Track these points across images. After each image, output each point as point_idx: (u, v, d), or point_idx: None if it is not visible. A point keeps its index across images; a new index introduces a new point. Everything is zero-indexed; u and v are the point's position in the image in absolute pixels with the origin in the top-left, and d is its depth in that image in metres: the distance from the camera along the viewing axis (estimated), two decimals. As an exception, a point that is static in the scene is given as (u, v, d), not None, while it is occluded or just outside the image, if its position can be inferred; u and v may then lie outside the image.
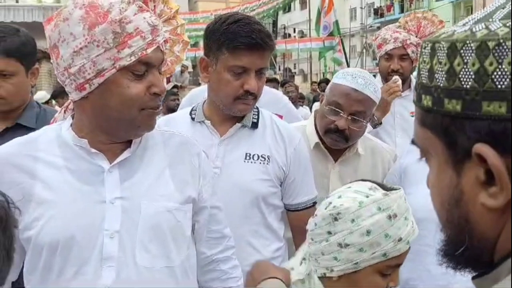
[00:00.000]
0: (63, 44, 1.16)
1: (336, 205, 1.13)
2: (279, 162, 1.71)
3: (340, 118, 1.85)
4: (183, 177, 1.32)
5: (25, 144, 1.27)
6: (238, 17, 1.63)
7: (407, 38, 2.98)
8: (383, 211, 1.11)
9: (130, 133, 1.26)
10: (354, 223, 1.10)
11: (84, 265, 1.19)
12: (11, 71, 1.82)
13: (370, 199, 1.12)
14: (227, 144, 1.70)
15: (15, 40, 1.82)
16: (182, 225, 1.29)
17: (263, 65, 1.64)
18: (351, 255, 1.11)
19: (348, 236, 1.11)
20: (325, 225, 1.14)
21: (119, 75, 1.16)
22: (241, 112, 1.68)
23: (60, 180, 1.22)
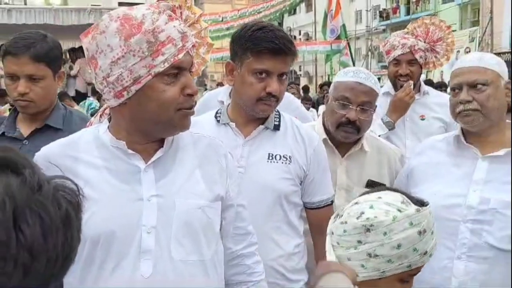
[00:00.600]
0: (101, 55, 1.25)
1: (369, 217, 1.17)
2: (299, 162, 1.82)
3: (350, 110, 2.00)
4: (212, 177, 1.40)
5: (67, 145, 1.36)
6: (263, 25, 1.76)
7: (415, 44, 3.06)
8: (414, 227, 1.16)
9: (165, 133, 1.35)
10: (386, 236, 1.15)
11: (123, 258, 1.27)
12: (40, 75, 1.91)
13: (403, 214, 1.16)
14: (251, 145, 1.81)
15: (44, 45, 1.92)
16: (212, 221, 1.38)
17: (285, 70, 1.76)
18: (379, 265, 1.17)
19: (379, 247, 1.16)
20: (356, 234, 1.18)
21: (154, 80, 1.25)
22: (263, 113, 1.78)
23: (100, 179, 1.30)
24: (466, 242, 1.71)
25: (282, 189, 1.79)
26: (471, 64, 1.79)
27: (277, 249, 1.79)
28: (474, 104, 1.75)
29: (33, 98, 1.93)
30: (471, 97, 1.75)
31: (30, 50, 1.88)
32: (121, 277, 1.27)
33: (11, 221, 0.58)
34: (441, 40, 3.23)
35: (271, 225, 1.78)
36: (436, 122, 3.08)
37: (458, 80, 1.80)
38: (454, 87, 1.82)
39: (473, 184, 1.77)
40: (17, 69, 1.89)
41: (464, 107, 1.76)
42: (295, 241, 1.84)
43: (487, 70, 1.77)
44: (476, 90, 1.76)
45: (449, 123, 3.07)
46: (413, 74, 3.07)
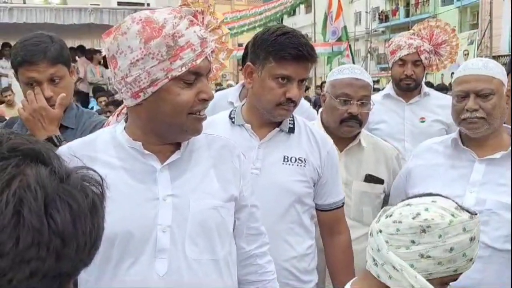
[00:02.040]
0: (121, 55, 1.27)
1: (427, 218, 1.20)
2: (314, 164, 1.84)
3: (351, 105, 2.10)
4: (226, 177, 1.42)
5: (84, 144, 1.38)
6: (286, 30, 1.77)
7: (420, 45, 3.08)
8: (467, 233, 1.20)
9: (179, 137, 1.37)
10: (441, 238, 1.18)
11: (139, 256, 1.29)
12: (60, 75, 1.93)
13: (458, 220, 1.20)
14: (266, 147, 1.82)
15: (56, 46, 1.94)
16: (226, 221, 1.40)
17: (305, 76, 1.79)
18: (428, 266, 1.20)
19: (432, 249, 1.19)
20: (411, 234, 1.20)
21: (171, 84, 1.27)
22: (281, 117, 1.80)
23: (117, 179, 1.32)
24: None
25: (297, 191, 1.81)
26: (478, 72, 1.81)
27: (290, 250, 1.81)
28: (480, 112, 1.79)
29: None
30: (478, 105, 1.79)
31: (47, 55, 1.90)
32: (137, 276, 1.29)
33: (43, 209, 0.61)
34: (445, 43, 3.25)
35: (285, 226, 1.80)
36: (436, 124, 3.08)
37: (464, 87, 1.82)
38: (460, 94, 1.84)
39: (470, 185, 1.81)
40: (38, 75, 1.90)
41: (470, 114, 1.80)
42: (307, 242, 1.87)
43: (493, 79, 1.80)
44: (482, 98, 1.79)
45: (450, 124, 3.08)
46: (416, 75, 3.09)
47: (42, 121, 1.85)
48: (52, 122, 1.86)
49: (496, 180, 1.80)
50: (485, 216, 1.72)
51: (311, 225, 1.90)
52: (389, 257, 1.21)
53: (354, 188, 2.16)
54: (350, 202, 2.10)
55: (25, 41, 1.94)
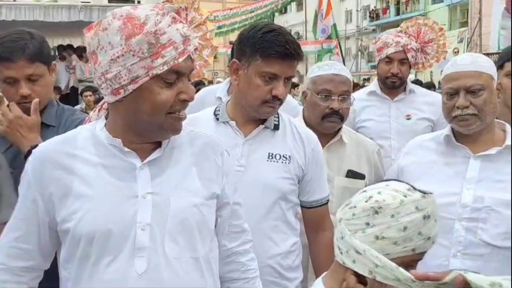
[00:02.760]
0: (101, 51, 1.26)
1: (378, 200, 1.22)
2: (299, 161, 1.84)
3: (333, 101, 2.13)
4: (208, 175, 1.41)
5: (64, 142, 1.36)
6: (273, 27, 1.76)
7: (408, 43, 3.06)
8: (420, 211, 1.20)
9: (158, 135, 1.36)
10: (394, 218, 1.20)
11: (118, 254, 1.28)
12: (39, 74, 1.91)
13: (409, 199, 1.21)
14: (251, 144, 1.82)
15: (35, 44, 1.91)
16: (207, 219, 1.39)
17: (292, 74, 1.78)
18: (385, 247, 1.20)
19: (386, 230, 1.20)
20: (365, 216, 1.22)
21: (151, 82, 1.25)
22: (267, 115, 1.80)
23: (96, 176, 1.31)
24: (462, 240, 1.74)
25: (282, 188, 1.81)
26: (466, 68, 1.79)
27: (275, 247, 1.81)
28: (471, 109, 1.77)
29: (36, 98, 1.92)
30: (468, 102, 1.76)
31: (25, 52, 1.87)
32: (115, 273, 1.28)
33: None
34: (432, 41, 3.24)
35: (269, 223, 1.79)
36: (422, 122, 3.07)
37: (454, 84, 1.80)
38: (450, 91, 1.82)
39: (466, 182, 1.80)
40: (15, 73, 1.87)
41: (461, 112, 1.78)
42: (292, 239, 1.86)
43: (483, 74, 1.78)
44: (472, 95, 1.77)
45: (436, 121, 3.08)
46: (402, 73, 3.08)
47: (21, 130, 1.83)
48: (31, 130, 1.84)
49: (492, 177, 1.79)
50: (484, 213, 1.72)
51: (295, 222, 1.89)
52: (351, 242, 1.23)
53: (336, 184, 2.17)
54: (332, 198, 2.10)
55: (4, 37, 1.90)
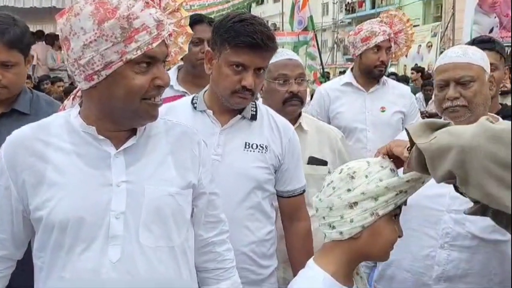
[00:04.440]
0: (74, 37, 1.24)
1: (349, 167, 1.35)
2: (275, 151, 1.84)
3: (290, 84, 2.19)
4: (184, 164, 1.40)
5: (38, 129, 1.34)
6: (244, 17, 1.73)
7: (391, 33, 3.15)
8: (385, 168, 1.34)
9: (133, 122, 1.34)
10: (368, 177, 1.32)
11: (91, 243, 1.27)
12: (14, 62, 1.87)
13: (373, 161, 1.36)
14: (228, 133, 1.81)
15: (17, 31, 1.86)
16: (182, 208, 1.38)
17: (262, 65, 1.75)
18: (369, 205, 1.30)
19: (366, 186, 1.31)
20: (344, 184, 1.33)
21: (125, 67, 1.24)
22: (238, 105, 1.79)
23: (69, 164, 1.29)
24: (450, 232, 1.75)
25: (258, 177, 1.81)
26: (456, 60, 1.79)
27: (250, 236, 1.82)
28: (461, 100, 1.77)
29: (6, 84, 1.88)
30: (459, 93, 1.77)
31: (4, 37, 1.82)
32: (89, 262, 1.27)
33: None
34: (401, 32, 3.32)
35: (245, 212, 1.80)
36: (396, 114, 3.14)
37: (444, 76, 1.80)
38: (440, 84, 1.82)
39: None
40: None
41: (451, 103, 1.78)
42: (267, 228, 1.87)
43: (473, 66, 1.78)
44: (463, 86, 1.77)
45: (406, 113, 3.15)
46: (386, 62, 3.14)
47: None
48: None
49: None
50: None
51: (271, 211, 1.90)
52: (343, 200, 1.32)
53: None
54: None
55: None
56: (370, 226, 1.31)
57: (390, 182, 1.30)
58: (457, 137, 1.07)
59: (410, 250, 1.79)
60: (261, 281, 1.87)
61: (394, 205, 1.31)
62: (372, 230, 1.31)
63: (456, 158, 1.04)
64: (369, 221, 1.30)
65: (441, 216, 1.77)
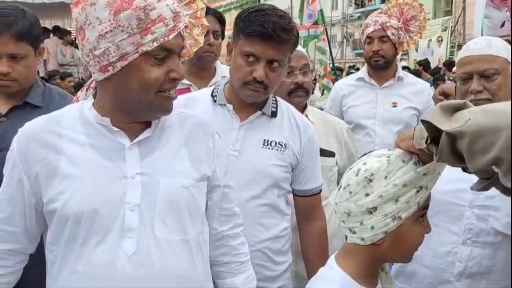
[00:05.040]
0: (89, 27, 1.22)
1: (367, 169, 1.23)
2: (294, 150, 1.81)
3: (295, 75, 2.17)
4: (199, 156, 1.39)
5: (51, 121, 1.32)
6: (262, 7, 1.69)
7: (387, 21, 3.09)
8: (408, 162, 1.21)
9: (148, 115, 1.32)
10: (387, 178, 1.21)
11: (106, 235, 1.25)
12: (23, 54, 1.85)
13: (394, 156, 1.23)
14: (247, 129, 1.78)
15: (25, 22, 1.84)
16: (197, 201, 1.36)
17: (276, 57, 1.68)
18: (390, 208, 1.20)
19: (385, 190, 1.20)
20: (361, 189, 1.23)
21: (141, 59, 1.22)
22: (249, 98, 1.74)
23: (83, 156, 1.27)
24: (473, 228, 1.71)
25: (275, 175, 1.78)
26: (480, 52, 1.73)
27: (265, 232, 1.79)
28: (485, 93, 1.71)
29: (16, 77, 1.87)
30: (482, 86, 1.71)
31: (12, 29, 1.80)
32: (104, 255, 1.25)
33: None
34: (414, 18, 3.27)
35: (260, 209, 1.77)
36: (408, 110, 3.09)
37: (467, 69, 1.74)
38: (463, 76, 1.76)
39: None
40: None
41: (475, 97, 1.71)
42: (283, 225, 1.85)
43: (497, 58, 1.73)
44: (486, 79, 1.71)
45: (421, 110, 3.10)
46: (384, 52, 3.10)
47: None
48: None
49: None
50: (497, 201, 1.68)
51: (287, 208, 1.87)
52: (362, 206, 1.23)
53: None
54: None
55: None
56: (393, 231, 1.23)
57: (406, 178, 1.20)
58: (500, 116, 0.93)
59: (431, 246, 1.74)
60: (276, 277, 1.85)
61: (417, 205, 1.22)
62: (395, 235, 1.23)
63: (508, 142, 0.90)
64: (392, 226, 1.22)
65: (464, 212, 1.72)
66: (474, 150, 0.98)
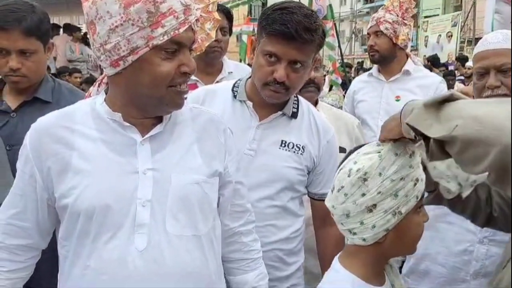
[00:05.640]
0: (99, 21, 1.21)
1: (359, 168, 1.21)
2: (312, 153, 1.77)
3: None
4: (210, 152, 1.37)
5: (63, 116, 1.32)
6: (287, 5, 1.62)
7: (381, 16, 3.15)
8: (401, 155, 1.19)
9: (159, 110, 1.31)
10: (382, 175, 1.19)
11: (118, 231, 1.25)
12: (32, 49, 1.85)
13: (384, 151, 1.20)
14: (265, 128, 1.75)
15: (34, 18, 1.84)
16: (209, 197, 1.35)
17: (298, 58, 1.62)
18: (390, 204, 1.19)
19: (382, 186, 1.19)
20: (356, 190, 1.21)
21: (151, 53, 1.21)
22: (269, 99, 1.69)
23: (95, 151, 1.27)
24: None
25: (290, 177, 1.75)
26: (497, 46, 1.68)
27: (278, 233, 1.76)
28: (502, 89, 1.67)
29: (25, 73, 1.87)
30: (499, 81, 1.66)
31: (21, 24, 1.80)
32: (115, 250, 1.25)
33: None
34: (407, 10, 3.28)
35: (272, 210, 1.74)
36: None
37: (483, 64, 1.69)
38: (480, 71, 1.71)
39: None
40: (7, 44, 1.81)
41: (492, 92, 1.67)
42: (295, 226, 1.81)
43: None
44: (504, 74, 1.67)
45: None
46: (379, 46, 3.15)
47: None
48: None
49: None
50: None
51: (300, 209, 1.84)
52: (360, 205, 1.21)
53: None
54: None
55: (4, 5, 1.84)
56: (394, 227, 1.22)
57: (404, 172, 1.18)
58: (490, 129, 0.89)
59: (446, 244, 1.72)
60: (287, 277, 1.82)
61: (416, 198, 1.21)
62: (397, 230, 1.22)
63: (500, 158, 0.88)
64: (393, 223, 1.21)
65: None
66: (464, 158, 0.95)
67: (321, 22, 1.66)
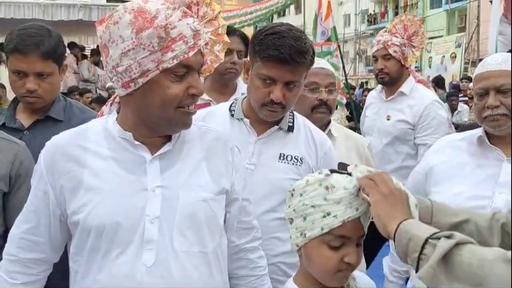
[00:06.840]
0: (112, 45, 1.26)
1: (296, 183, 1.35)
2: (310, 164, 1.83)
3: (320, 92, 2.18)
4: (218, 170, 1.41)
5: (77, 135, 1.37)
6: (278, 30, 1.71)
7: (388, 40, 3.21)
8: (321, 187, 1.29)
9: (168, 129, 1.36)
10: (302, 196, 1.31)
11: (127, 247, 1.28)
12: (49, 72, 1.92)
13: (314, 178, 1.31)
14: (263, 143, 1.81)
15: (51, 42, 1.92)
16: (216, 214, 1.39)
17: (292, 79, 1.72)
18: (299, 224, 1.31)
19: (297, 207, 1.31)
20: (288, 200, 1.36)
21: (161, 76, 1.26)
22: (268, 118, 1.78)
23: (106, 169, 1.31)
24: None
25: None
26: (497, 67, 1.73)
27: (281, 246, 1.79)
28: (502, 109, 1.72)
29: (41, 94, 1.94)
30: (499, 101, 1.71)
31: (39, 49, 1.88)
32: (124, 266, 1.28)
33: None
34: (416, 33, 3.34)
35: (275, 223, 1.78)
36: (399, 123, 3.20)
37: (484, 85, 1.75)
38: (480, 92, 1.76)
39: (499, 186, 1.73)
40: (26, 67, 1.89)
41: (492, 112, 1.72)
42: None
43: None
44: (503, 94, 1.72)
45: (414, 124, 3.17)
46: (389, 69, 3.23)
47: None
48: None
49: None
50: None
51: None
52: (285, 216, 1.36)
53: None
54: None
55: (23, 29, 1.92)
56: (303, 247, 1.32)
57: (315, 201, 1.28)
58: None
59: None
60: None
61: (321, 229, 1.26)
62: (305, 251, 1.32)
63: None
64: (300, 241, 1.31)
65: None
66: None
67: (310, 42, 1.76)
